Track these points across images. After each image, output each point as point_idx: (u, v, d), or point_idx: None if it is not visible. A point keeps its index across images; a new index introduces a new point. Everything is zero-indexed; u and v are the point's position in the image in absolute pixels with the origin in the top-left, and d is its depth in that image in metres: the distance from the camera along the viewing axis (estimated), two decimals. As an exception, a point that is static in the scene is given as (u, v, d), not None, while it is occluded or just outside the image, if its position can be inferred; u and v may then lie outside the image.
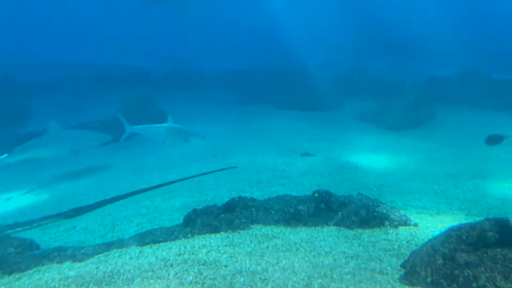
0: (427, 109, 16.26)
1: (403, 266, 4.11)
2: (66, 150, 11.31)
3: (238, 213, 5.87)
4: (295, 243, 4.90)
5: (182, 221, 5.98)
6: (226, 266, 4.28)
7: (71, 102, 19.59)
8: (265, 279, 3.94)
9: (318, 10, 28.64)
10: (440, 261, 3.69)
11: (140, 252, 4.97)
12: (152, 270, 4.32)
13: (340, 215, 5.62)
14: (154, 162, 11.58)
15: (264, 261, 4.37)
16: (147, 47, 32.77)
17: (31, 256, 5.24)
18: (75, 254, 5.20)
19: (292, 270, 4.14)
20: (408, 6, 27.48)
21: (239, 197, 6.24)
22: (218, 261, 4.41)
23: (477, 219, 4.27)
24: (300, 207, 5.80)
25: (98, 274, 4.34)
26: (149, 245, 5.21)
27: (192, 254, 4.66)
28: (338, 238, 5.06)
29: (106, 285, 4.08)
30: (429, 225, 5.60)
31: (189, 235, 5.42)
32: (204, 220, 5.68)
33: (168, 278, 4.09)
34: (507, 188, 7.82)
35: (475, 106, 17.21)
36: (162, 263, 4.46)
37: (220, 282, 3.91)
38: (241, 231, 5.39)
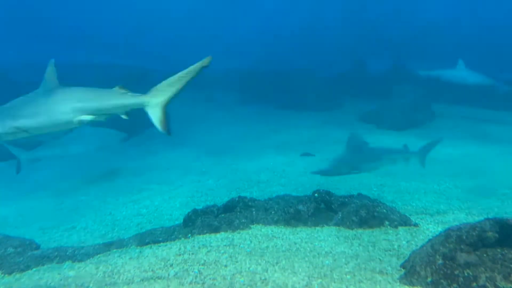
0: (427, 109, 16.25)
1: (403, 266, 4.11)
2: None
3: (238, 213, 5.87)
4: (295, 243, 4.90)
5: (182, 221, 5.99)
6: (226, 266, 4.28)
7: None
8: (265, 279, 3.94)
9: (317, 9, 28.66)
10: (440, 261, 3.69)
11: (140, 252, 4.97)
12: (152, 270, 4.32)
13: (340, 215, 5.62)
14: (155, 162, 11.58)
15: (264, 261, 4.37)
16: (146, 47, 32.79)
17: (31, 256, 5.23)
18: (75, 254, 5.20)
19: (292, 270, 4.14)
20: (407, 5, 27.51)
21: (239, 197, 6.24)
22: (218, 261, 4.41)
23: (477, 219, 4.27)
24: (300, 207, 5.79)
25: (98, 274, 4.34)
26: (149, 245, 5.21)
27: (192, 254, 4.66)
28: (338, 238, 5.06)
29: (106, 285, 4.08)
30: (429, 225, 5.60)
31: (189, 235, 5.42)
32: (204, 220, 5.68)
33: (168, 278, 4.09)
34: (506, 187, 7.82)
35: (475, 106, 17.20)
36: (162, 263, 4.46)
37: (220, 282, 3.90)
38: (241, 231, 5.39)
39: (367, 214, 5.49)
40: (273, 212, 5.81)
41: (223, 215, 5.88)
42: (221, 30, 34.53)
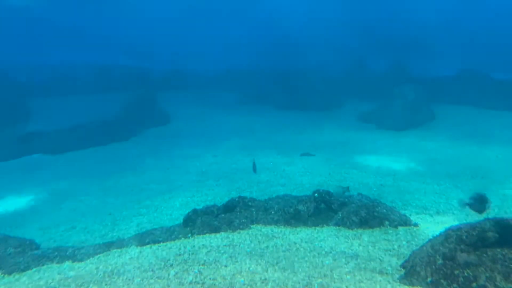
0: (427, 109, 16.24)
1: (403, 266, 4.11)
2: None
3: (238, 213, 5.87)
4: (295, 243, 4.90)
5: (182, 221, 5.99)
6: (226, 266, 4.28)
7: (71, 102, 19.59)
8: (265, 279, 3.94)
9: (316, 9, 28.64)
10: (440, 261, 3.69)
11: (140, 252, 4.97)
12: (152, 270, 4.32)
13: (340, 215, 5.62)
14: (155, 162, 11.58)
15: (264, 261, 4.37)
16: (147, 47, 32.77)
17: (31, 256, 5.24)
18: (75, 254, 5.20)
19: (292, 270, 4.14)
20: (407, 5, 27.49)
21: (239, 197, 6.24)
22: (218, 261, 4.41)
23: (477, 219, 4.27)
24: (300, 207, 5.80)
25: (98, 274, 4.34)
26: (149, 245, 5.21)
27: (192, 254, 4.66)
28: (338, 238, 5.06)
29: (106, 285, 4.08)
30: (429, 225, 5.60)
31: (189, 235, 5.43)
32: (204, 220, 5.68)
33: (168, 278, 4.09)
34: (506, 188, 7.82)
35: (475, 106, 17.20)
36: (162, 263, 4.46)
37: (220, 282, 3.90)
38: (241, 231, 5.39)
39: (367, 214, 5.49)
40: (273, 212, 5.81)
41: (223, 215, 5.89)
42: (221, 30, 34.54)
